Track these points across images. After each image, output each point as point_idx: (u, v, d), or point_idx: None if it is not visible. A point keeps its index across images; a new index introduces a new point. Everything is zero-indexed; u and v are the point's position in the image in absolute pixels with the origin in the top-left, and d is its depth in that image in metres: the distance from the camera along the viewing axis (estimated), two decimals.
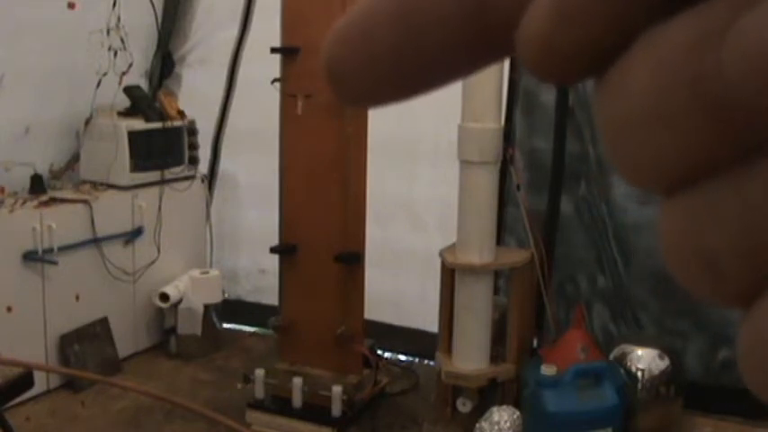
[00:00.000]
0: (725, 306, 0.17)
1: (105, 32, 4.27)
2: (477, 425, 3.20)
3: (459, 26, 0.19)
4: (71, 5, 4.09)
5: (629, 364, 3.34)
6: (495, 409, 3.23)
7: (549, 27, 0.18)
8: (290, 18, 3.50)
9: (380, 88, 0.21)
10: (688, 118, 0.16)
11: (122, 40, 4.34)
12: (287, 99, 3.53)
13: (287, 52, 3.50)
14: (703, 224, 0.17)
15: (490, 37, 0.19)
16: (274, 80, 3.56)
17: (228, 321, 4.79)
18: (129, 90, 4.38)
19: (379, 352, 3.96)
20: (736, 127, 0.16)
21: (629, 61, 0.17)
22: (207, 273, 4.55)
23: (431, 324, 3.78)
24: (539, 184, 3.94)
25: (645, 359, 3.35)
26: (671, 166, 0.17)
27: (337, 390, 3.47)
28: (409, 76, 0.20)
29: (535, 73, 0.19)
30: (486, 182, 3.37)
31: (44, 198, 3.99)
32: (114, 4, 4.23)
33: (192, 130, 4.55)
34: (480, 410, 3.32)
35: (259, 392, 3.63)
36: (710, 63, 0.16)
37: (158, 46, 4.80)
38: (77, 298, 4.04)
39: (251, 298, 4.88)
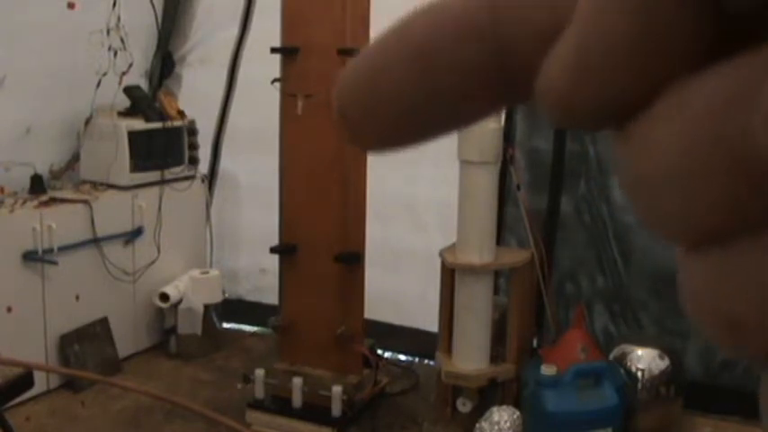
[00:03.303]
0: (746, 359, 0.17)
1: (105, 32, 4.27)
2: (477, 425, 3.20)
3: (477, 70, 0.19)
4: (71, 5, 4.09)
5: (629, 364, 3.34)
6: (495, 409, 3.23)
7: (570, 79, 0.17)
8: (290, 18, 3.50)
9: (394, 133, 0.20)
10: (715, 178, 0.16)
11: (122, 40, 4.34)
12: (287, 99, 3.53)
13: (287, 52, 3.50)
14: (727, 284, 0.16)
15: (508, 82, 0.19)
16: (274, 80, 3.56)
17: (228, 321, 4.79)
18: (129, 90, 4.38)
19: (379, 352, 3.96)
20: (765, 190, 0.16)
21: (655, 117, 0.17)
22: (207, 273, 4.55)
23: (431, 324, 3.78)
24: (539, 184, 3.94)
25: (645, 359, 3.35)
26: (695, 224, 0.17)
27: (337, 390, 3.47)
28: (424, 121, 0.20)
29: (554, 122, 0.18)
30: (486, 182, 3.37)
31: (44, 198, 3.99)
32: (114, 4, 4.23)
33: (192, 130, 4.55)
34: (480, 410, 3.32)
35: (259, 392, 3.63)
36: (740, 124, 0.16)
37: (158, 46, 4.80)
38: (77, 298, 4.04)
39: (251, 298, 4.88)
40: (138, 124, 4.29)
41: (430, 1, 0.20)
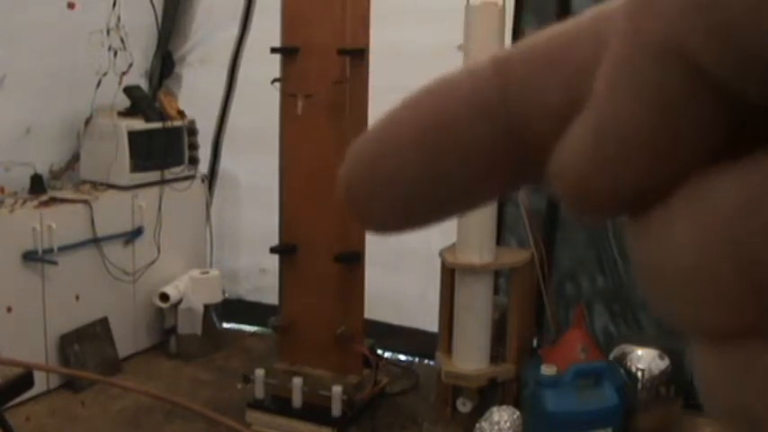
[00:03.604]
0: None
1: (105, 32, 4.27)
2: (477, 425, 3.20)
3: (487, 151, 0.18)
4: (71, 5, 4.09)
5: (629, 364, 3.34)
6: (495, 409, 3.23)
7: (585, 166, 0.17)
8: (290, 18, 3.50)
9: (402, 215, 0.20)
10: (729, 282, 0.16)
11: (122, 40, 4.34)
12: (287, 99, 3.53)
13: (287, 52, 3.50)
14: (744, 382, 0.16)
15: (520, 163, 0.19)
16: (274, 80, 3.56)
17: (228, 321, 4.79)
18: (129, 90, 4.38)
19: (379, 352, 3.96)
20: None
21: (671, 212, 0.17)
22: (207, 273, 4.55)
23: (431, 324, 3.79)
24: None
25: (645, 359, 3.35)
26: (709, 323, 0.16)
27: (337, 390, 3.47)
28: (433, 203, 0.19)
29: (565, 206, 0.18)
30: None
31: (44, 198, 3.98)
32: (114, 4, 4.23)
33: (192, 130, 4.55)
34: (480, 410, 3.32)
35: (259, 392, 3.63)
36: (755, 231, 0.15)
37: (158, 46, 4.80)
38: (77, 298, 4.04)
39: (251, 298, 4.88)
40: (138, 124, 4.29)
41: (437, 79, 0.19)
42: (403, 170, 0.19)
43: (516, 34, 3.85)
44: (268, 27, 3.76)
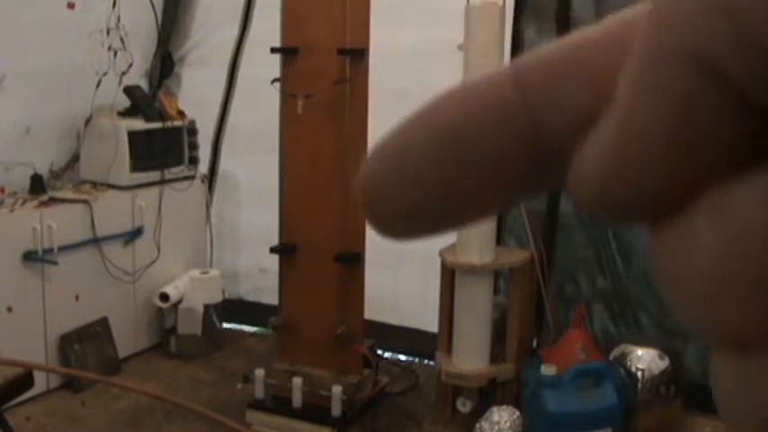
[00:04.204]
0: None
1: (105, 32, 4.27)
2: (477, 425, 3.20)
3: (507, 155, 0.18)
4: (71, 5, 4.09)
5: (629, 364, 3.34)
6: (495, 409, 3.23)
7: (606, 171, 0.17)
8: (290, 18, 3.50)
9: (422, 219, 0.20)
10: (752, 291, 0.16)
11: (122, 40, 4.34)
12: (287, 99, 3.53)
13: (287, 52, 3.50)
14: (760, 386, 0.16)
15: (541, 167, 0.18)
16: (274, 80, 3.56)
17: (228, 321, 4.79)
18: (129, 90, 4.38)
19: (379, 352, 3.96)
20: None
21: (695, 221, 0.17)
22: (207, 273, 4.55)
23: (431, 324, 3.78)
24: None
25: (645, 359, 3.35)
26: (728, 331, 0.16)
27: (337, 390, 3.47)
28: (454, 207, 0.19)
29: (586, 211, 0.18)
30: None
31: (44, 198, 3.98)
32: (114, 4, 4.23)
33: (192, 130, 4.55)
34: (480, 410, 3.32)
35: (259, 392, 3.63)
36: None
37: (158, 46, 4.80)
38: (77, 298, 4.04)
39: (251, 298, 4.88)
40: (138, 124, 4.29)
41: (456, 85, 0.19)
42: (422, 176, 0.19)
43: (516, 34, 3.85)
44: (268, 27, 3.76)
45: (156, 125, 4.35)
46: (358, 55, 3.39)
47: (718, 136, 0.16)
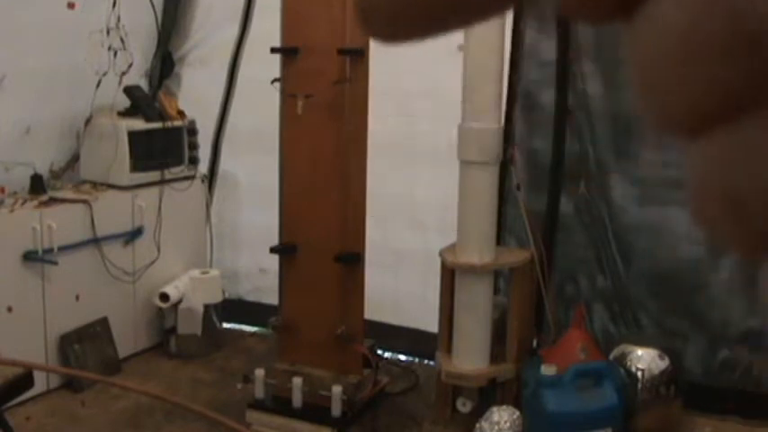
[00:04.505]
0: (744, 254, 0.17)
1: (105, 32, 4.27)
2: (477, 425, 3.20)
3: None
4: (71, 5, 4.09)
5: (629, 364, 3.34)
6: (495, 409, 3.23)
7: None
8: (290, 18, 3.50)
9: (412, 22, 0.20)
10: (718, 54, 0.16)
11: (122, 40, 4.34)
12: (287, 99, 3.53)
13: (287, 52, 3.50)
14: (732, 164, 0.16)
15: None
16: (274, 80, 3.56)
17: (228, 321, 4.79)
18: (129, 90, 4.38)
19: (379, 352, 3.96)
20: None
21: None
22: (207, 273, 4.55)
23: (431, 324, 3.78)
24: (539, 184, 3.94)
25: (645, 359, 3.35)
26: (702, 102, 0.16)
27: (337, 390, 3.47)
28: (442, 11, 0.20)
29: (564, 12, 0.18)
30: (486, 182, 3.37)
31: (44, 198, 3.98)
32: (114, 4, 4.23)
33: (192, 130, 4.55)
34: (480, 410, 3.32)
35: (259, 392, 3.63)
36: None
37: (158, 46, 4.80)
38: (77, 298, 4.04)
39: (251, 298, 4.88)
40: (138, 124, 4.29)
41: None
42: None
43: (516, 34, 3.85)
44: (268, 27, 3.76)
45: (156, 125, 4.35)
46: (358, 55, 3.39)
47: None
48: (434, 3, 0.20)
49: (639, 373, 3.32)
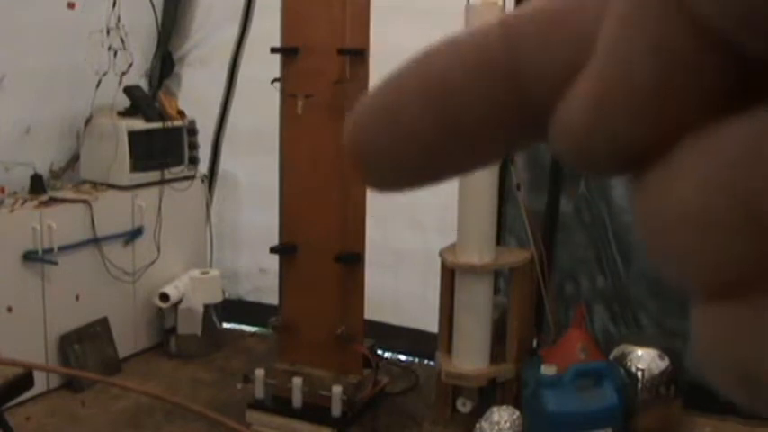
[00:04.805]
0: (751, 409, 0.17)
1: (105, 32, 4.27)
2: (477, 425, 3.20)
3: (495, 107, 0.18)
4: (71, 5, 4.09)
5: (629, 364, 3.34)
6: (495, 409, 3.23)
7: (587, 120, 0.17)
8: (290, 18, 3.50)
9: (410, 172, 0.20)
10: (733, 231, 0.16)
11: (122, 40, 4.34)
12: (287, 99, 3.53)
13: (287, 52, 3.50)
14: (741, 338, 0.16)
15: (526, 120, 0.19)
16: (274, 80, 3.56)
17: (228, 321, 4.79)
18: (129, 90, 4.38)
19: (379, 352, 3.96)
20: None
21: (674, 165, 0.17)
22: (207, 273, 4.55)
23: (431, 324, 3.78)
24: (539, 184, 3.94)
25: (645, 359, 3.35)
26: (711, 276, 0.16)
27: (337, 390, 3.47)
28: (439, 162, 0.19)
29: (569, 164, 0.18)
30: (486, 182, 3.37)
31: (44, 198, 3.98)
32: (114, 4, 4.23)
33: (192, 130, 4.55)
34: (480, 410, 3.32)
35: (259, 392, 3.63)
36: (760, 176, 0.15)
37: (158, 46, 4.80)
38: (77, 298, 4.04)
39: (251, 298, 4.88)
40: (138, 124, 4.29)
41: (444, 38, 0.19)
42: (413, 127, 0.19)
43: None
44: (268, 27, 3.76)
45: (156, 125, 4.35)
46: (358, 55, 3.39)
47: (698, 82, 0.16)
48: (443, 149, 0.19)
49: (639, 373, 3.32)
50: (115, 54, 4.35)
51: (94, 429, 3.71)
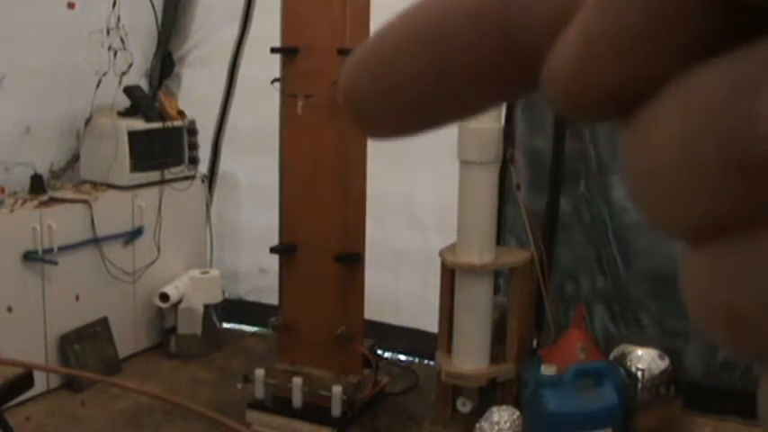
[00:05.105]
0: (749, 358, 0.17)
1: (105, 32, 4.27)
2: (477, 425, 3.20)
3: (486, 54, 0.19)
4: (71, 5, 4.09)
5: (629, 364, 3.34)
6: (495, 409, 3.23)
7: (575, 68, 0.17)
8: (290, 18, 3.50)
9: (402, 119, 0.20)
10: (715, 172, 0.16)
11: (122, 40, 4.34)
12: (287, 99, 3.53)
13: (287, 52, 3.50)
14: (729, 279, 0.16)
15: (517, 69, 0.19)
16: (274, 80, 3.56)
17: (228, 321, 4.79)
18: (129, 90, 4.38)
19: (379, 352, 3.96)
20: (765, 183, 0.15)
21: (658, 108, 0.17)
22: (207, 273, 4.55)
23: (431, 324, 3.78)
24: (539, 184, 3.94)
25: (645, 359, 3.35)
26: (696, 218, 0.16)
27: (337, 390, 3.47)
28: (432, 107, 0.20)
29: (558, 111, 0.18)
30: (486, 182, 3.37)
31: (44, 198, 3.98)
32: (114, 4, 4.23)
33: (192, 130, 4.55)
34: (480, 410, 3.32)
35: (259, 392, 3.63)
36: (741, 116, 0.15)
37: (158, 46, 4.80)
38: (77, 298, 4.04)
39: (251, 298, 4.88)
40: (138, 124, 4.29)
41: None
42: (406, 75, 0.19)
43: None
44: (268, 27, 3.76)
45: (156, 125, 4.35)
46: None
47: (686, 29, 0.16)
48: (438, 92, 0.19)
49: (639, 373, 3.32)
50: (115, 54, 4.35)
51: (94, 429, 3.71)
